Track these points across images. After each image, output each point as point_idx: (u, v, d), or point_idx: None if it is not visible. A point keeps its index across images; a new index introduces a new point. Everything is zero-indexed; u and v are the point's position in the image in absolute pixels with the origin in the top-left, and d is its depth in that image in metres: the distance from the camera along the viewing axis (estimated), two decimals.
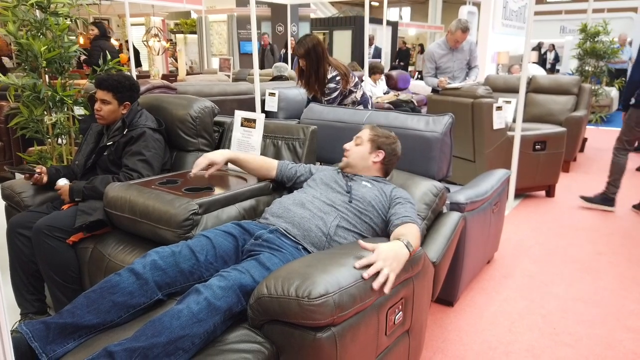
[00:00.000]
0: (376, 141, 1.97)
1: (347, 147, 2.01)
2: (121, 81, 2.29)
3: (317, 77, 3.15)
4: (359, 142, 2.00)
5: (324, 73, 3.16)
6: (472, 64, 4.51)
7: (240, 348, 1.28)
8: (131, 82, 2.34)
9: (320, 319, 1.21)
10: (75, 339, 1.31)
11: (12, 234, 2.08)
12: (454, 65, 4.53)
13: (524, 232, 3.50)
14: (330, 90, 3.19)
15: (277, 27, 11.58)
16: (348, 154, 1.99)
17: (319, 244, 1.67)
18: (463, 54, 4.53)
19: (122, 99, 2.30)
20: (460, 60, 4.53)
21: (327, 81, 3.19)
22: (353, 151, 1.98)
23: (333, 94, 3.18)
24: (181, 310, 1.25)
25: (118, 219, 1.94)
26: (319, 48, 3.12)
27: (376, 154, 1.97)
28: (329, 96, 3.21)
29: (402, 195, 1.83)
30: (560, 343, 2.16)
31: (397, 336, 1.59)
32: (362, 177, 1.92)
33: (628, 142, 3.81)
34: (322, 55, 3.13)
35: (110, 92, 2.27)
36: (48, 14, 2.77)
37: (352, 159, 1.97)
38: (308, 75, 3.21)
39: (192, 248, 1.53)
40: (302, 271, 1.30)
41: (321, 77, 3.15)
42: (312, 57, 3.12)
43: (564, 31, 13.18)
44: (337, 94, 3.21)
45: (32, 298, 2.10)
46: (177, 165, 2.48)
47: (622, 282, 2.75)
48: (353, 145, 2.00)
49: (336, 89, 3.18)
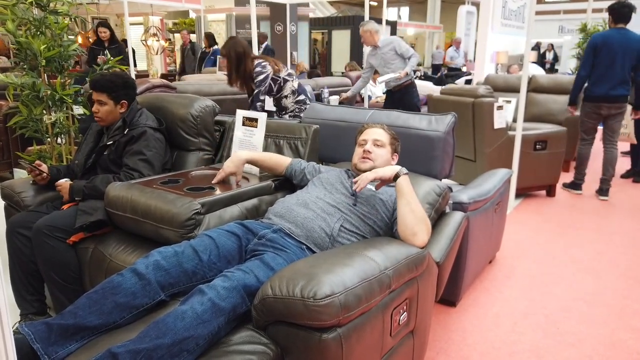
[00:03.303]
0: (394, 144, 1.98)
1: (370, 150, 1.92)
2: (114, 80, 2.26)
3: (238, 75, 3.35)
4: (380, 144, 1.94)
5: (246, 70, 3.35)
6: (406, 56, 4.65)
7: (244, 349, 1.26)
8: (124, 79, 2.30)
9: (326, 320, 1.19)
10: (78, 340, 1.30)
11: (12, 233, 2.06)
12: (379, 62, 4.77)
13: (525, 232, 3.49)
14: (257, 73, 3.34)
15: (275, 27, 11.55)
16: (373, 157, 1.91)
17: (322, 244, 1.65)
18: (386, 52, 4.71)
19: (118, 98, 2.26)
20: (384, 57, 4.70)
21: (254, 73, 3.36)
22: (377, 155, 1.92)
23: (260, 77, 3.34)
24: (185, 311, 1.24)
25: (119, 219, 1.92)
26: (240, 48, 3.33)
27: (393, 157, 1.98)
28: (257, 79, 3.35)
29: None
30: (564, 343, 2.15)
31: (402, 337, 1.58)
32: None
33: (585, 132, 4.35)
34: (242, 54, 3.32)
35: (104, 92, 2.24)
36: (47, 13, 2.75)
37: (378, 163, 1.90)
38: (229, 72, 3.41)
39: (195, 248, 1.52)
40: (307, 271, 1.28)
41: (242, 74, 3.33)
42: (232, 57, 3.32)
43: (563, 31, 13.19)
44: (265, 77, 3.35)
45: (31, 298, 2.08)
46: (177, 165, 2.46)
47: (624, 281, 2.74)
48: (374, 147, 1.93)
49: (262, 72, 3.33)
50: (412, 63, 4.60)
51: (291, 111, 3.53)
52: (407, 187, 1.67)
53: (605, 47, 4.03)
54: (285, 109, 3.53)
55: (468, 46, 12.67)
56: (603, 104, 4.12)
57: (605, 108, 4.13)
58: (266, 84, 3.37)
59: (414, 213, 1.64)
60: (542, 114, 5.42)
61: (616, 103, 4.10)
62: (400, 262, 1.47)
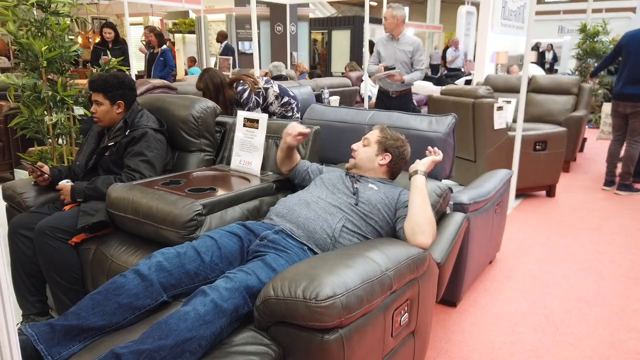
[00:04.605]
0: (384, 143, 1.96)
1: (355, 148, 1.99)
2: (108, 80, 2.26)
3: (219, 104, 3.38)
4: (366, 143, 1.98)
5: (225, 98, 3.39)
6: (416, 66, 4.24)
7: (246, 350, 1.27)
8: (119, 80, 2.29)
9: (327, 321, 1.20)
10: (81, 341, 1.30)
11: (14, 235, 2.07)
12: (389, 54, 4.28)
13: (526, 232, 3.50)
14: (240, 92, 3.39)
15: (275, 27, 11.55)
16: (355, 155, 1.98)
17: (323, 245, 1.66)
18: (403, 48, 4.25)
19: (114, 98, 2.26)
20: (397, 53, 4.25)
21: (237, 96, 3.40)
22: (360, 152, 1.97)
23: (244, 95, 3.39)
24: (188, 312, 1.24)
25: (121, 220, 1.92)
26: (217, 80, 3.38)
27: (383, 156, 1.96)
28: (242, 98, 3.40)
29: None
30: (564, 343, 2.16)
31: (403, 337, 1.58)
32: (369, 179, 1.91)
33: (612, 128, 4.53)
34: (220, 85, 3.38)
35: (100, 92, 2.24)
36: (48, 14, 2.75)
37: (359, 159, 1.96)
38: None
39: (197, 249, 1.52)
40: (308, 272, 1.29)
41: (222, 103, 3.37)
42: (211, 89, 3.36)
43: (562, 31, 13.19)
44: (249, 93, 3.40)
45: (33, 299, 2.09)
46: (179, 166, 2.47)
47: (624, 281, 2.75)
48: (360, 145, 1.99)
49: (245, 90, 3.39)
50: (415, 77, 4.23)
51: (279, 114, 3.59)
52: (425, 186, 1.74)
53: (626, 45, 4.23)
54: (273, 114, 3.57)
55: (468, 46, 12.67)
56: (619, 102, 4.30)
57: (622, 106, 4.29)
58: (252, 100, 3.41)
59: (426, 213, 1.67)
60: (542, 115, 5.43)
61: (629, 102, 4.21)
62: (401, 263, 1.47)
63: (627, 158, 4.35)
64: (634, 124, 4.27)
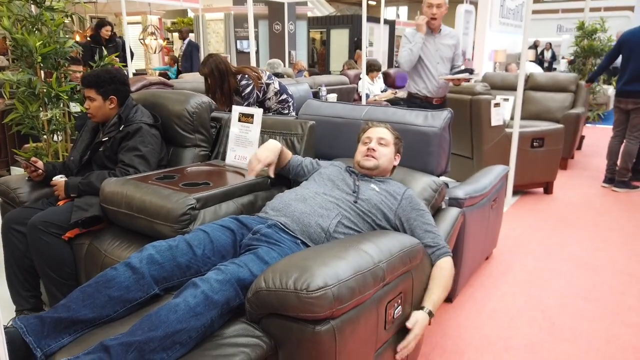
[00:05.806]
0: (398, 145, 1.99)
1: (374, 148, 1.90)
2: (100, 75, 2.25)
3: (223, 92, 3.37)
4: (384, 143, 1.93)
5: (230, 87, 3.36)
6: (457, 62, 3.64)
7: (238, 342, 1.26)
8: (111, 75, 2.28)
9: (319, 312, 1.19)
10: (71, 334, 1.29)
11: (7, 230, 2.06)
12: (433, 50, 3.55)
13: (523, 229, 3.49)
14: (244, 87, 3.36)
15: (274, 26, 11.54)
16: (377, 155, 1.89)
17: (317, 239, 1.65)
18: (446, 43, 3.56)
19: (106, 94, 2.25)
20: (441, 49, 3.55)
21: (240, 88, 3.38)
22: (382, 153, 1.91)
23: (247, 89, 3.37)
24: (178, 304, 1.23)
25: (114, 215, 1.92)
26: (222, 66, 3.33)
27: (396, 157, 1.99)
28: (244, 92, 3.38)
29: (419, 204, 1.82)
30: (560, 338, 2.15)
31: (397, 330, 1.57)
32: (372, 179, 1.89)
33: (613, 124, 4.57)
34: (225, 72, 3.34)
35: (92, 88, 2.24)
36: (43, 9, 2.74)
37: (382, 162, 1.90)
38: (213, 92, 3.38)
39: (189, 242, 1.51)
40: (300, 264, 1.28)
41: (226, 91, 3.35)
42: (216, 75, 3.31)
43: (561, 30, 13.20)
44: (252, 88, 3.39)
45: (27, 295, 2.08)
46: (173, 161, 2.46)
47: (620, 278, 2.75)
48: (378, 145, 1.91)
49: (248, 85, 3.37)
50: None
51: (274, 110, 3.58)
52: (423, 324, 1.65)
53: (628, 43, 4.31)
54: (269, 109, 3.57)
55: (466, 45, 12.67)
56: (621, 98, 4.38)
57: (624, 102, 4.36)
58: (254, 96, 3.41)
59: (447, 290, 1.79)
60: (539, 112, 5.43)
61: (631, 98, 4.28)
62: (394, 255, 1.47)
63: (626, 154, 4.36)
64: (635, 120, 4.30)
